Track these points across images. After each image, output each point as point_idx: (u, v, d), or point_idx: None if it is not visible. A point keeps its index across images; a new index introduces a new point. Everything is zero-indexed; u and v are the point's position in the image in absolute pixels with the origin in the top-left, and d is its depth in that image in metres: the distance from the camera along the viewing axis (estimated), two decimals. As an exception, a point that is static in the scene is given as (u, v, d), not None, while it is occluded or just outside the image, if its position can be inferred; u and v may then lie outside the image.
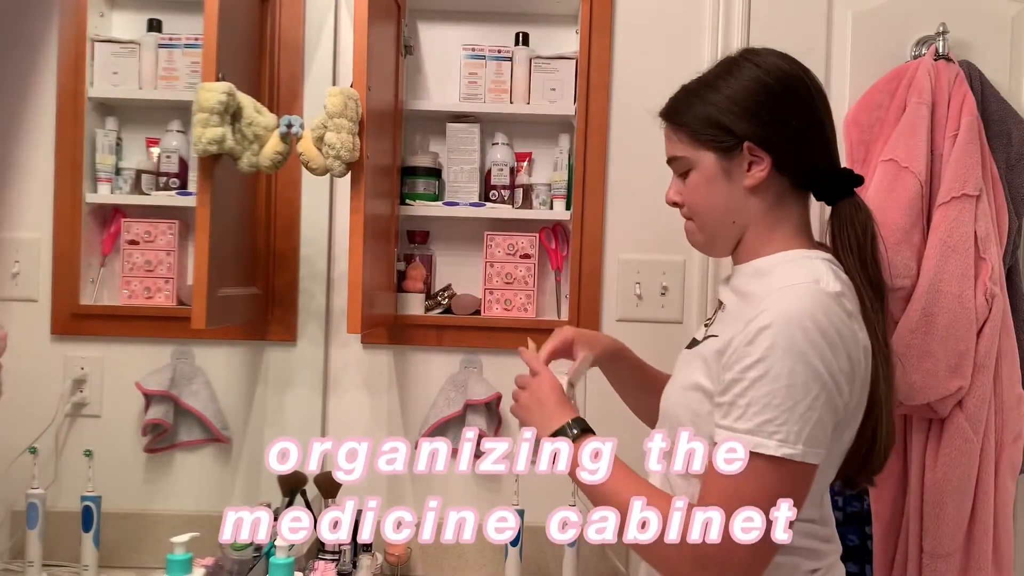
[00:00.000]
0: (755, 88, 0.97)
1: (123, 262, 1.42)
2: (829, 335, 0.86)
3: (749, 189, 0.98)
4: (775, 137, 0.96)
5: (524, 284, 1.67)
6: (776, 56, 1.00)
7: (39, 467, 1.29)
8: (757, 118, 0.96)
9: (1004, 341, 1.47)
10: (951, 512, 1.43)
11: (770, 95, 0.97)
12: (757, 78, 0.97)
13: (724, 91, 0.98)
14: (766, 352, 0.86)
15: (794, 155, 0.97)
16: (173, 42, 1.45)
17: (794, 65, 1.00)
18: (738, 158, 0.97)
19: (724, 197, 1.00)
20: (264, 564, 1.32)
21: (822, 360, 0.85)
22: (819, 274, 0.92)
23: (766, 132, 0.96)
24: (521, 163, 1.71)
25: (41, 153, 1.32)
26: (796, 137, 0.97)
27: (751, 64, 0.98)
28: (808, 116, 0.98)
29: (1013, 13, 1.67)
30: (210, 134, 1.15)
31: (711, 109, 0.98)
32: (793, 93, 0.97)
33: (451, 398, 1.65)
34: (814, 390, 0.85)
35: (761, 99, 0.96)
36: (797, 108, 0.97)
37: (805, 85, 0.98)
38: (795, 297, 0.88)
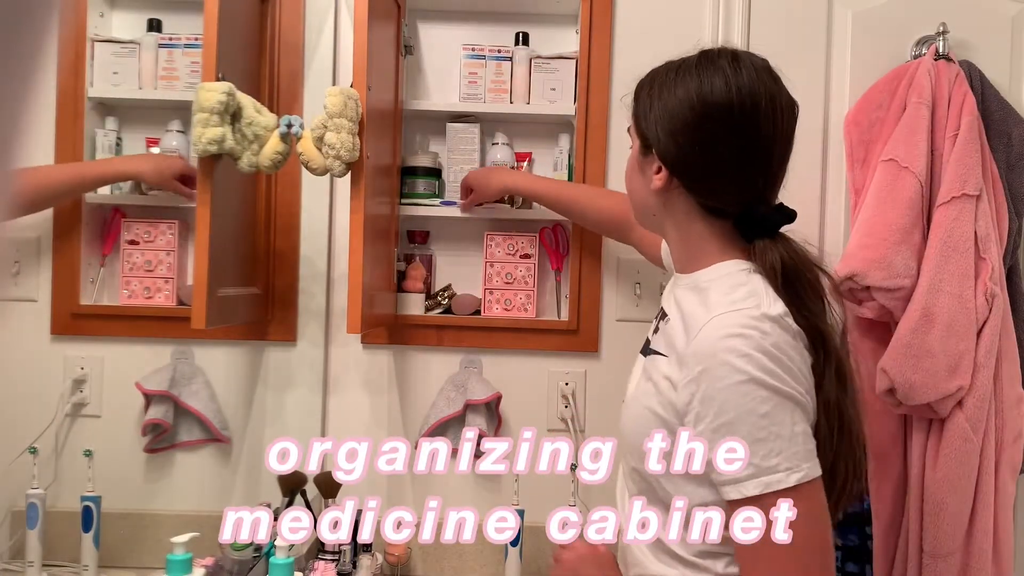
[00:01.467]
0: (683, 108, 0.93)
1: (123, 262, 1.42)
2: (773, 355, 0.83)
3: (654, 191, 0.97)
4: (679, 161, 0.94)
5: (524, 284, 1.67)
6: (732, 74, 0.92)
7: (39, 467, 1.29)
8: (672, 136, 0.94)
9: (1004, 341, 1.47)
10: (951, 512, 1.43)
11: (693, 118, 0.92)
12: (690, 98, 0.92)
13: (666, 98, 0.95)
14: (723, 396, 0.83)
15: (701, 183, 0.94)
16: (173, 42, 1.45)
17: (745, 91, 0.91)
18: (649, 158, 0.98)
19: (639, 186, 1.02)
20: (264, 564, 1.32)
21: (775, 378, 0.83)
22: (759, 295, 0.89)
23: (673, 152, 0.94)
24: (521, 163, 1.71)
25: (41, 153, 1.32)
26: (705, 168, 0.93)
27: (698, 78, 0.93)
28: (727, 150, 0.92)
29: (1013, 13, 1.67)
30: (210, 134, 1.15)
31: (649, 109, 0.97)
32: (716, 123, 0.91)
33: (451, 398, 1.65)
34: (786, 406, 0.83)
35: (683, 120, 0.93)
36: (715, 140, 0.92)
37: (737, 116, 0.91)
38: (730, 329, 0.85)
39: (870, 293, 1.47)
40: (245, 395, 1.58)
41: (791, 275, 0.91)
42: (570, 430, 1.67)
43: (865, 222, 1.49)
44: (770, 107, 0.92)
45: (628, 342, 1.69)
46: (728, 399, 0.83)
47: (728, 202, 0.94)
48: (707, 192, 0.95)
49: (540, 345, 1.68)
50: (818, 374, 0.90)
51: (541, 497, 1.64)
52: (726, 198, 0.94)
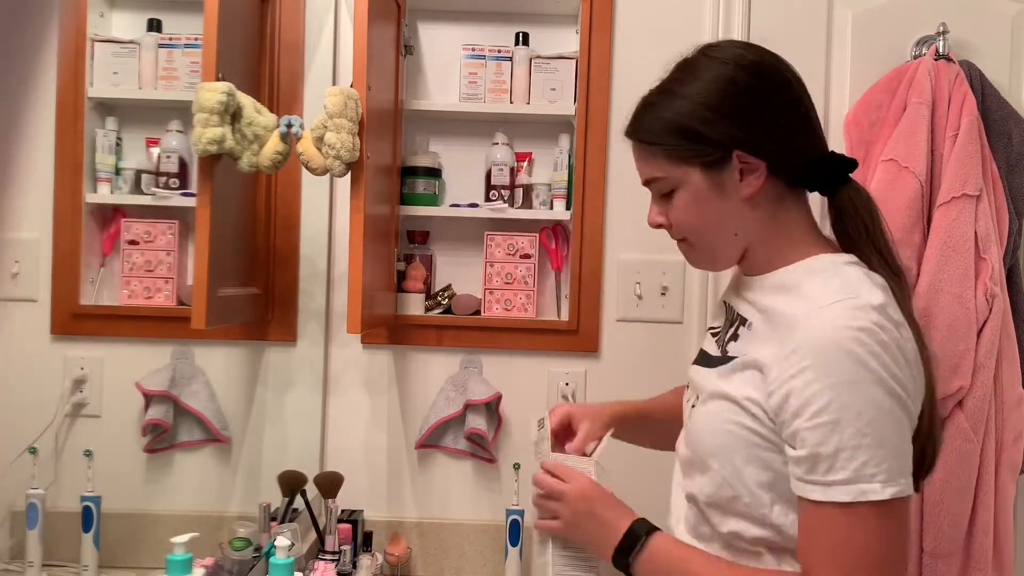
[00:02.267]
0: (725, 86, 0.87)
1: (123, 262, 1.42)
2: (892, 352, 0.79)
3: (746, 199, 0.89)
4: (763, 138, 0.87)
5: (524, 284, 1.67)
6: (737, 46, 0.92)
7: (39, 467, 1.29)
8: (738, 120, 0.87)
9: (1004, 341, 1.47)
10: (951, 512, 1.43)
11: (744, 91, 0.87)
12: (724, 74, 0.87)
13: (691, 96, 0.88)
14: (834, 392, 0.77)
15: (786, 153, 0.88)
16: (173, 42, 1.45)
17: (761, 52, 0.91)
18: (728, 169, 0.89)
19: (719, 212, 0.91)
20: (264, 564, 1.32)
21: (894, 380, 0.78)
22: (856, 286, 0.84)
23: (752, 135, 0.87)
24: (521, 163, 1.71)
25: (41, 153, 1.32)
26: (784, 133, 0.88)
27: (712, 60, 0.89)
28: (790, 105, 0.89)
29: (1013, 13, 1.67)
30: (210, 134, 1.15)
31: (682, 119, 0.89)
32: (768, 83, 0.88)
33: (451, 398, 1.65)
34: (897, 415, 0.78)
35: (735, 97, 0.87)
36: (777, 99, 0.88)
37: (779, 71, 0.90)
38: (843, 321, 0.79)
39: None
40: (245, 395, 1.58)
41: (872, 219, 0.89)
42: (570, 430, 1.67)
43: (865, 222, 1.50)
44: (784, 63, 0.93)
45: (628, 342, 1.69)
46: (837, 396, 0.77)
47: (802, 164, 0.89)
48: (790, 158, 0.89)
49: (540, 345, 1.68)
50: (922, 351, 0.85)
51: (541, 497, 1.64)
52: (800, 159, 0.89)
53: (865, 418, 0.77)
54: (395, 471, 1.70)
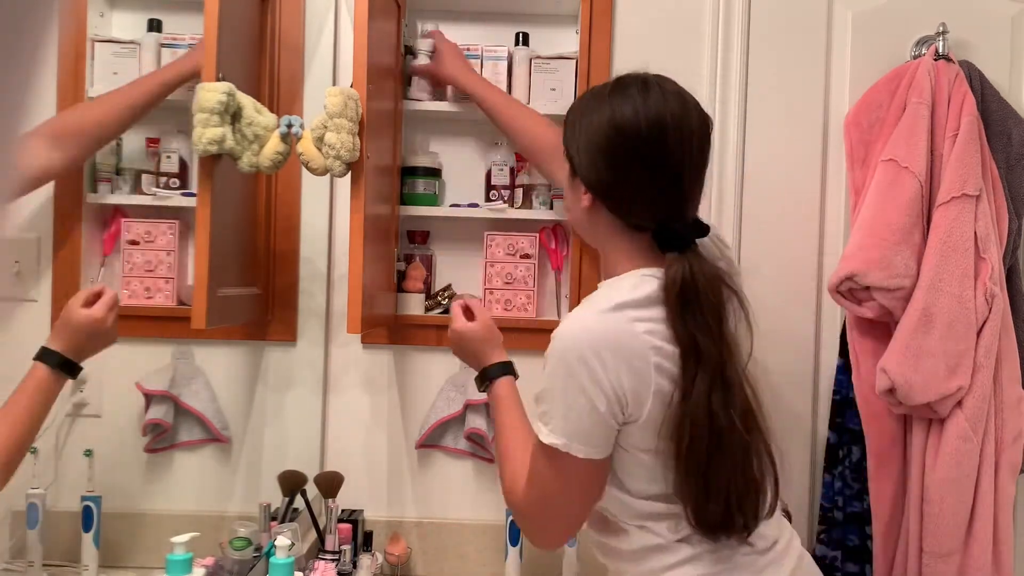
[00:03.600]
0: (597, 134, 1.01)
1: (123, 262, 1.42)
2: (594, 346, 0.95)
3: (584, 210, 1.05)
4: (597, 183, 1.02)
5: (524, 284, 1.67)
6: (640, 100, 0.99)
7: (39, 467, 1.29)
8: (592, 162, 1.02)
9: (1004, 341, 1.47)
10: (951, 512, 1.43)
11: (607, 144, 1.00)
12: (601, 125, 1.01)
13: (584, 125, 1.03)
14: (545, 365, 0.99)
15: (619, 203, 1.02)
16: (176, 42, 1.45)
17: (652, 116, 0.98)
18: (576, 181, 1.05)
19: (571, 205, 1.10)
20: (264, 564, 1.32)
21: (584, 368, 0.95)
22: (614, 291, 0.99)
23: (594, 176, 1.02)
24: (521, 163, 1.71)
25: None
26: (621, 188, 1.01)
27: (610, 106, 1.01)
28: (638, 172, 0.99)
29: (1013, 13, 1.67)
30: (210, 134, 1.15)
31: (572, 135, 1.06)
32: (627, 148, 0.99)
33: (451, 398, 1.65)
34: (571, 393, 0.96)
35: (599, 146, 1.01)
36: (626, 163, 1.00)
37: (645, 141, 0.98)
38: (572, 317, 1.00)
39: (870, 293, 1.47)
40: (245, 395, 1.58)
41: (688, 288, 0.97)
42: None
43: (865, 222, 1.50)
44: (677, 130, 0.99)
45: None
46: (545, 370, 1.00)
47: (645, 218, 1.02)
48: (625, 211, 1.02)
49: (540, 345, 1.65)
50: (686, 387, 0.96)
51: (541, 497, 1.64)
52: (642, 215, 1.02)
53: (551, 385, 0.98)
54: (395, 471, 1.70)
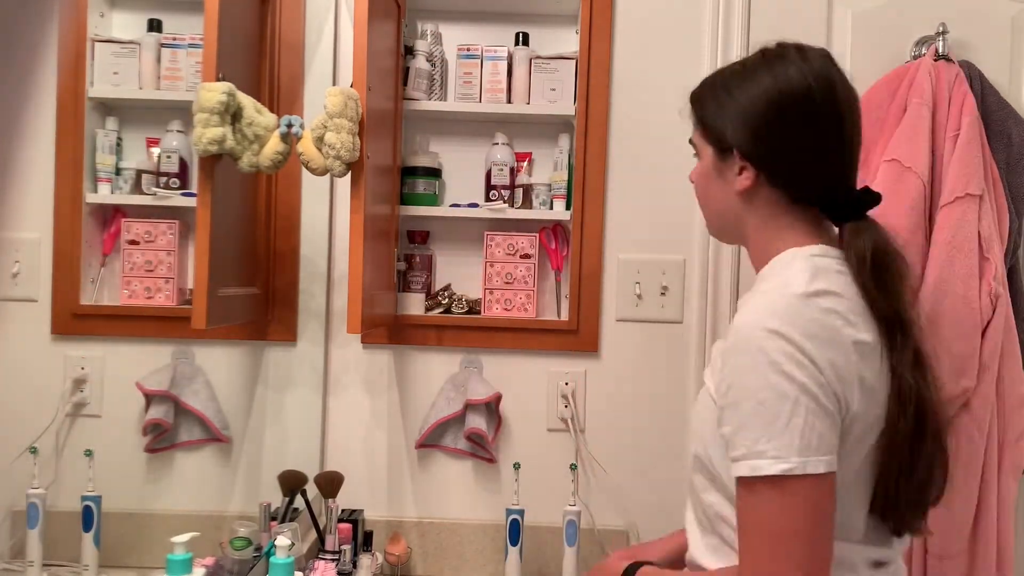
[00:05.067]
0: (760, 102, 0.94)
1: (123, 262, 1.42)
2: (793, 339, 0.83)
3: (739, 193, 0.97)
4: (766, 154, 0.95)
5: (524, 284, 1.67)
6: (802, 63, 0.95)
7: (39, 467, 1.29)
8: (753, 132, 0.95)
9: (1007, 342, 1.47)
10: (957, 513, 1.43)
11: (773, 111, 0.94)
12: (765, 91, 0.94)
13: (738, 97, 0.96)
14: (733, 374, 0.86)
15: (788, 173, 0.95)
16: (177, 42, 1.45)
17: (821, 78, 0.94)
18: (730, 161, 0.98)
19: (718, 193, 1.01)
20: (264, 564, 1.32)
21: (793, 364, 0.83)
22: (791, 275, 0.90)
23: (757, 147, 0.95)
24: (521, 163, 1.71)
25: (41, 153, 1.32)
26: (791, 156, 0.94)
27: (770, 72, 0.95)
28: (811, 137, 0.94)
29: (1013, 13, 1.67)
30: (210, 134, 1.15)
31: (721, 112, 0.98)
32: (804, 113, 0.93)
33: (451, 398, 1.65)
34: (791, 397, 0.82)
35: (762, 114, 0.94)
36: (805, 130, 0.93)
37: (818, 102, 0.93)
38: (757, 307, 0.88)
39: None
40: (245, 395, 1.58)
41: (880, 256, 0.91)
42: (570, 430, 1.67)
43: (866, 222, 1.49)
44: (843, 91, 0.95)
45: (628, 342, 1.69)
46: (737, 378, 0.85)
47: (814, 188, 0.95)
48: (793, 182, 0.95)
49: (540, 345, 1.68)
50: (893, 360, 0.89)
51: (541, 497, 1.64)
52: (812, 185, 0.95)
53: (757, 398, 0.83)
54: (395, 471, 1.70)
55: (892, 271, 0.92)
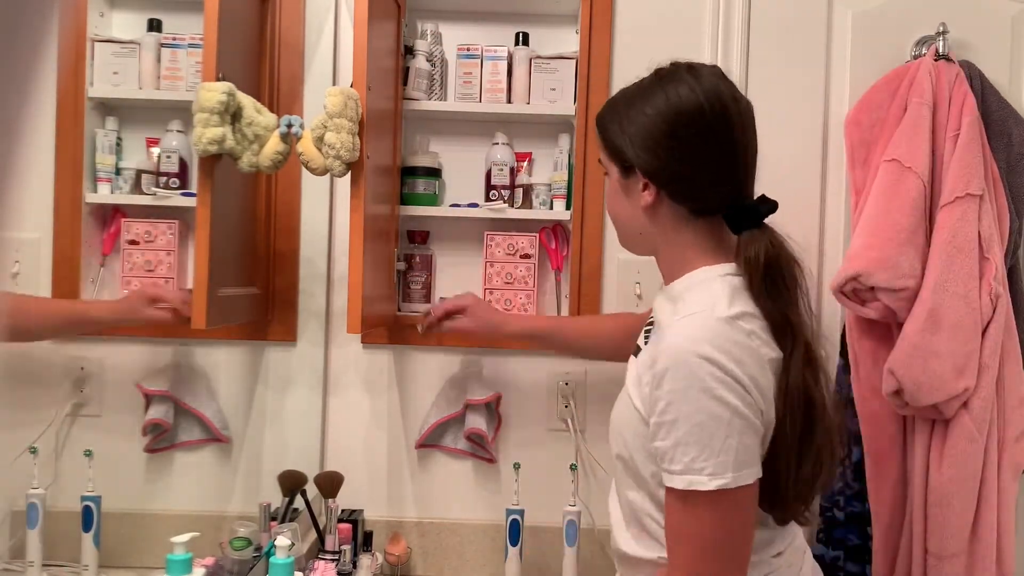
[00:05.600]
0: (656, 121, 0.98)
1: (123, 262, 1.42)
2: (723, 365, 0.89)
3: (643, 209, 1.02)
4: (664, 171, 0.99)
5: (524, 284, 1.67)
6: (693, 81, 0.98)
7: (39, 467, 1.29)
8: (652, 151, 0.98)
9: (1007, 341, 1.47)
10: (957, 513, 1.42)
11: (669, 129, 0.97)
12: (660, 111, 0.98)
13: (636, 117, 1.00)
14: (670, 396, 0.90)
15: (686, 188, 0.99)
16: (177, 42, 1.45)
17: (711, 94, 0.97)
18: (633, 179, 1.02)
19: (626, 209, 1.05)
20: (264, 564, 1.32)
21: (724, 388, 0.88)
22: (716, 297, 0.95)
23: (655, 165, 0.99)
24: (521, 163, 1.71)
25: (41, 153, 1.32)
26: (688, 172, 0.98)
27: (663, 91, 0.99)
28: (705, 152, 0.98)
29: (1013, 13, 1.67)
30: (210, 134, 1.15)
31: (621, 132, 1.02)
32: (691, 128, 0.97)
33: (451, 398, 1.65)
34: (724, 419, 0.88)
35: (659, 133, 0.98)
36: (692, 144, 0.97)
37: (709, 118, 0.97)
38: (687, 332, 0.92)
39: (874, 294, 1.46)
40: (245, 395, 1.58)
41: (773, 264, 0.96)
42: (570, 430, 1.67)
43: (869, 222, 1.49)
44: (734, 106, 0.99)
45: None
46: (674, 400, 0.90)
47: (714, 201, 1.00)
48: (692, 196, 1.00)
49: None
50: (785, 362, 0.95)
51: (541, 497, 1.64)
52: (711, 198, 1.00)
53: (694, 420, 0.89)
54: (395, 471, 1.70)
55: (783, 275, 0.97)
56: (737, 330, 0.92)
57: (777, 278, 0.96)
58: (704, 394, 0.88)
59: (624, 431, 1.02)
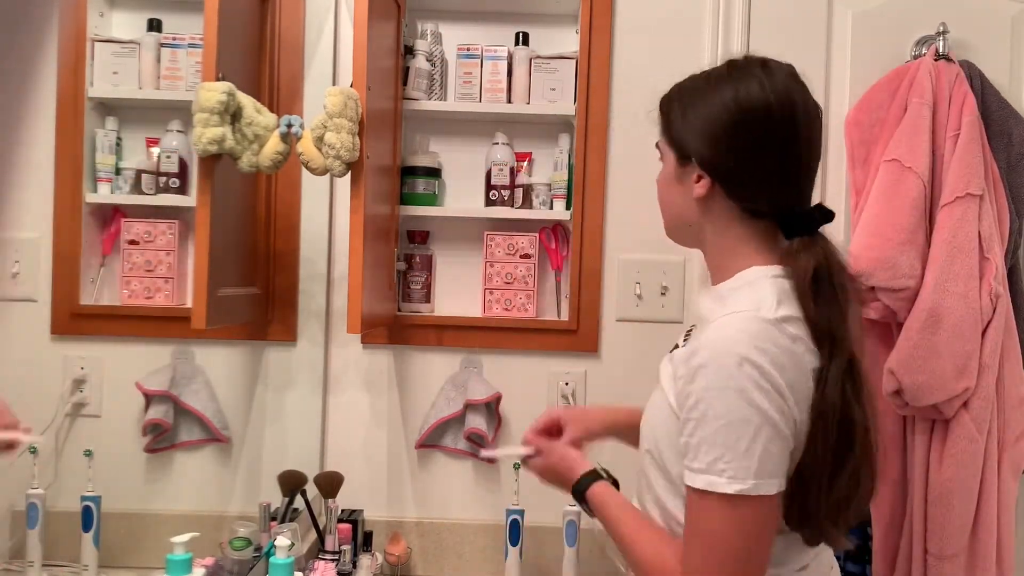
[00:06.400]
0: (722, 114, 0.96)
1: (123, 262, 1.42)
2: (763, 368, 0.86)
3: (696, 200, 0.99)
4: (721, 166, 0.96)
5: (524, 284, 1.67)
6: (766, 79, 0.96)
7: (39, 467, 1.29)
8: (712, 144, 0.96)
9: (1007, 341, 1.47)
10: (957, 513, 1.43)
11: (731, 124, 0.95)
12: (728, 105, 0.95)
13: (701, 108, 0.98)
14: (703, 392, 0.88)
15: (742, 186, 0.96)
16: (177, 42, 1.45)
17: (782, 95, 0.95)
18: (688, 168, 0.99)
19: (677, 198, 1.03)
20: (264, 564, 1.32)
21: (760, 392, 0.86)
22: (762, 298, 0.92)
23: (713, 158, 0.96)
24: (521, 163, 1.71)
25: (41, 153, 1.32)
26: (746, 171, 0.96)
27: (733, 85, 0.96)
28: (767, 153, 0.95)
29: (1013, 13, 1.67)
30: (210, 134, 1.15)
31: (684, 120, 1.00)
32: (763, 131, 0.95)
33: (451, 398, 1.65)
34: (754, 423, 0.86)
35: (722, 127, 0.96)
36: (755, 144, 0.95)
37: (776, 120, 0.95)
38: (730, 330, 0.89)
39: (875, 294, 1.46)
40: (245, 395, 1.58)
41: (823, 275, 0.93)
42: (570, 430, 1.67)
43: (869, 222, 1.49)
44: (803, 109, 0.96)
45: (628, 342, 1.69)
46: (706, 397, 0.88)
47: (768, 203, 0.96)
48: (748, 195, 0.96)
49: (540, 345, 1.68)
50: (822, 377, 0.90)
51: (541, 497, 1.63)
52: (766, 199, 0.96)
53: (722, 421, 0.86)
54: (395, 471, 1.70)
55: (833, 284, 0.93)
56: (782, 333, 0.89)
57: (825, 286, 0.93)
58: (739, 395, 0.86)
59: (657, 429, 0.99)
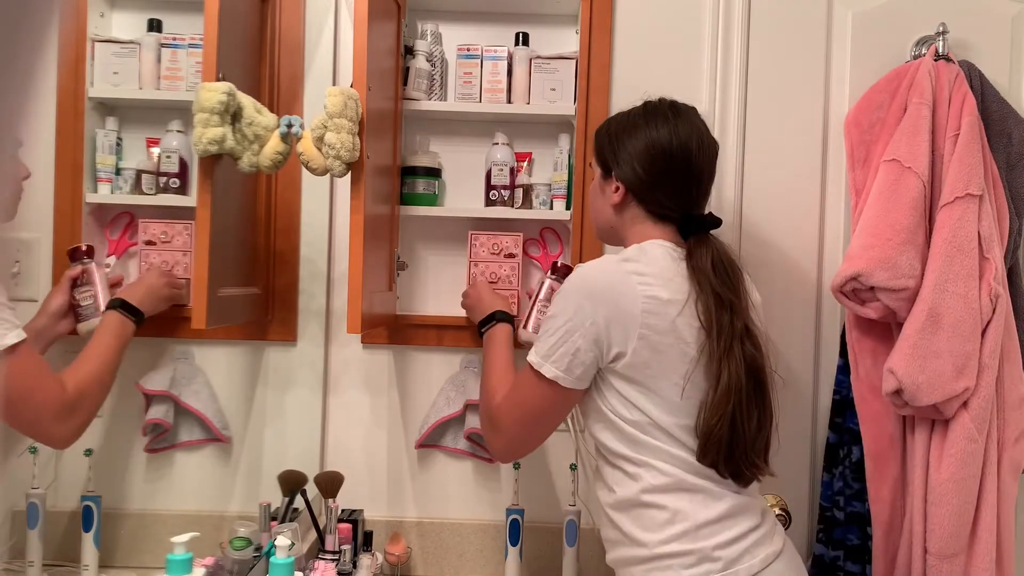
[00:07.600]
0: (636, 145, 1.24)
1: (140, 262, 1.43)
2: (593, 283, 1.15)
3: (613, 206, 1.26)
4: (633, 180, 1.24)
5: (509, 283, 1.67)
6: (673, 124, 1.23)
7: (39, 467, 1.29)
8: (628, 164, 1.24)
9: (1007, 341, 1.47)
10: (957, 513, 1.42)
11: (644, 154, 1.23)
12: (640, 139, 1.24)
13: (623, 139, 1.26)
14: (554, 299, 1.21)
15: (648, 196, 1.23)
16: (177, 42, 1.45)
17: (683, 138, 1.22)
18: (609, 180, 1.27)
19: (600, 204, 1.31)
20: (264, 564, 1.32)
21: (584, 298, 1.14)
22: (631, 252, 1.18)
23: (628, 174, 1.24)
24: (521, 163, 1.71)
25: (41, 153, 1.32)
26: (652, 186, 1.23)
27: (647, 127, 1.24)
28: (668, 176, 1.23)
29: (1013, 13, 1.67)
30: (210, 134, 1.15)
31: (609, 147, 1.28)
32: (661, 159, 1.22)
33: (451, 398, 1.65)
34: (565, 321, 1.14)
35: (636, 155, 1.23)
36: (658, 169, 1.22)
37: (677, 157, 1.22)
38: (584, 265, 1.20)
39: (874, 293, 1.46)
40: (245, 395, 1.58)
41: (716, 259, 1.19)
42: (570, 430, 1.67)
43: (869, 222, 1.49)
44: (697, 146, 1.24)
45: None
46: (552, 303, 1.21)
47: (669, 209, 1.24)
48: (653, 200, 1.24)
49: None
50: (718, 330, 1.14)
51: (541, 497, 1.64)
52: (669, 206, 1.24)
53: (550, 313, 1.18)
54: (395, 471, 1.70)
55: (726, 267, 1.19)
56: (620, 269, 1.15)
57: (718, 267, 1.18)
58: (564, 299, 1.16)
59: None
